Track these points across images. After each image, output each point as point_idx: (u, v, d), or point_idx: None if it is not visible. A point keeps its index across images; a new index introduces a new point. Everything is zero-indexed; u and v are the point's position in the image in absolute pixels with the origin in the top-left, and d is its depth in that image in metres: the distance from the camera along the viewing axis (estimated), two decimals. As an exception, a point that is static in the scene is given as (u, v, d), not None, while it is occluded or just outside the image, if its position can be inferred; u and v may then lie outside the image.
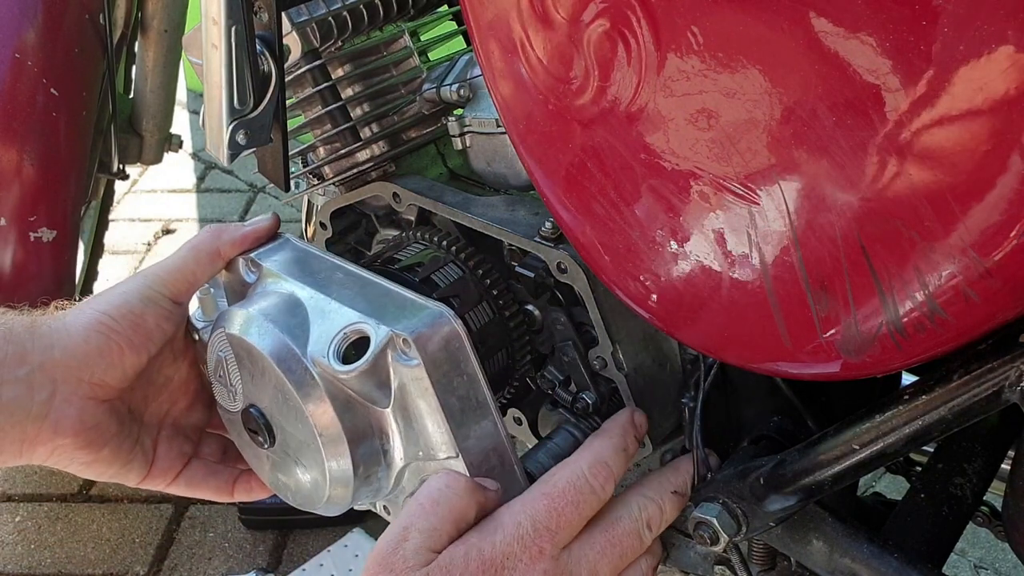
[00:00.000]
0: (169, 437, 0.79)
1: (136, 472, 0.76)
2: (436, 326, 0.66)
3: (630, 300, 0.63)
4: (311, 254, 0.76)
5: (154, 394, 0.78)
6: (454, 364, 0.66)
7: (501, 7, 0.60)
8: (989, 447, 0.81)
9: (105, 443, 0.73)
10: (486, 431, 0.68)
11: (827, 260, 0.52)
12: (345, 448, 0.68)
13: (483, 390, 0.67)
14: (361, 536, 1.61)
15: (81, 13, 1.37)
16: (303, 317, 0.70)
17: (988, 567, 1.57)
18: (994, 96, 0.44)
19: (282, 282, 0.73)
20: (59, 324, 0.71)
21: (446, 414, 0.65)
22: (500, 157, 0.81)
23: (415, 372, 0.65)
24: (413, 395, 0.66)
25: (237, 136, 0.74)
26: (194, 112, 3.00)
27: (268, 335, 0.69)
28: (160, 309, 0.74)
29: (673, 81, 0.53)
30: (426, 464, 0.69)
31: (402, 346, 0.65)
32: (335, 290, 0.71)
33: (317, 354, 0.67)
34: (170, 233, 2.54)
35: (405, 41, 0.87)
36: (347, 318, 0.68)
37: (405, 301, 0.69)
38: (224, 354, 0.72)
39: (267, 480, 0.77)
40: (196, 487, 0.80)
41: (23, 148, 1.33)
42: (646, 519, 0.68)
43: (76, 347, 0.70)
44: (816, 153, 0.50)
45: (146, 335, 0.73)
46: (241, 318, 0.71)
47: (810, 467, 0.66)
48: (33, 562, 1.67)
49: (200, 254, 0.76)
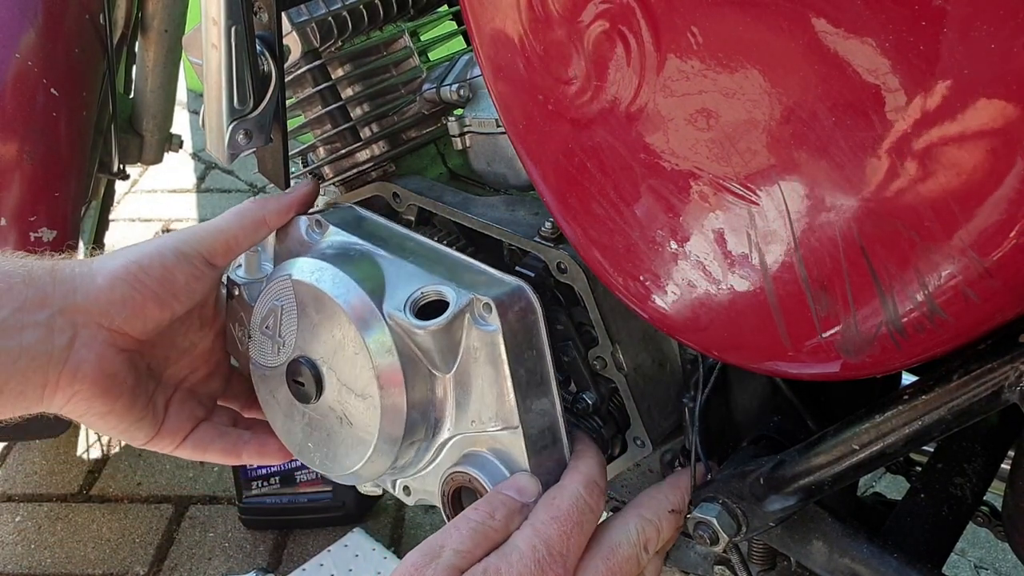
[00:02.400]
0: (182, 400, 0.79)
1: (146, 430, 0.76)
2: (516, 296, 0.67)
3: (630, 300, 0.63)
4: (379, 222, 0.77)
5: (176, 356, 0.78)
6: (527, 336, 0.68)
7: (501, 7, 0.60)
8: (989, 447, 0.81)
9: (121, 394, 0.73)
10: (545, 408, 0.69)
11: (827, 260, 0.52)
12: (403, 406, 0.68)
13: (549, 367, 0.69)
14: (361, 536, 1.61)
15: (81, 13, 1.37)
16: (379, 274, 0.70)
17: (988, 567, 1.57)
18: (993, 96, 0.44)
19: (353, 240, 0.74)
20: (85, 269, 0.71)
21: (514, 383, 0.67)
22: (500, 157, 0.81)
23: (491, 337, 0.66)
24: (482, 361, 0.67)
25: (237, 136, 0.74)
26: (194, 112, 3.00)
27: (343, 284, 0.69)
28: (192, 267, 0.74)
29: (673, 81, 0.53)
30: (476, 437, 0.70)
31: (482, 310, 0.66)
32: (410, 255, 0.72)
33: (392, 309, 0.68)
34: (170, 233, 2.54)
35: (405, 41, 0.87)
36: (426, 279, 0.69)
37: (484, 273, 0.70)
38: (281, 302, 0.72)
39: (292, 443, 0.77)
40: (204, 449, 0.80)
41: (23, 148, 1.33)
42: (644, 542, 0.69)
43: (100, 293, 0.70)
44: (816, 153, 0.50)
45: (173, 291, 0.73)
46: (314, 267, 0.71)
47: (810, 467, 0.66)
48: (33, 562, 1.67)
49: (244, 220, 0.76)
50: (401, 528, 1.70)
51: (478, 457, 0.70)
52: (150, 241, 0.74)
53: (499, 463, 0.69)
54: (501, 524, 0.65)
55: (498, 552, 0.64)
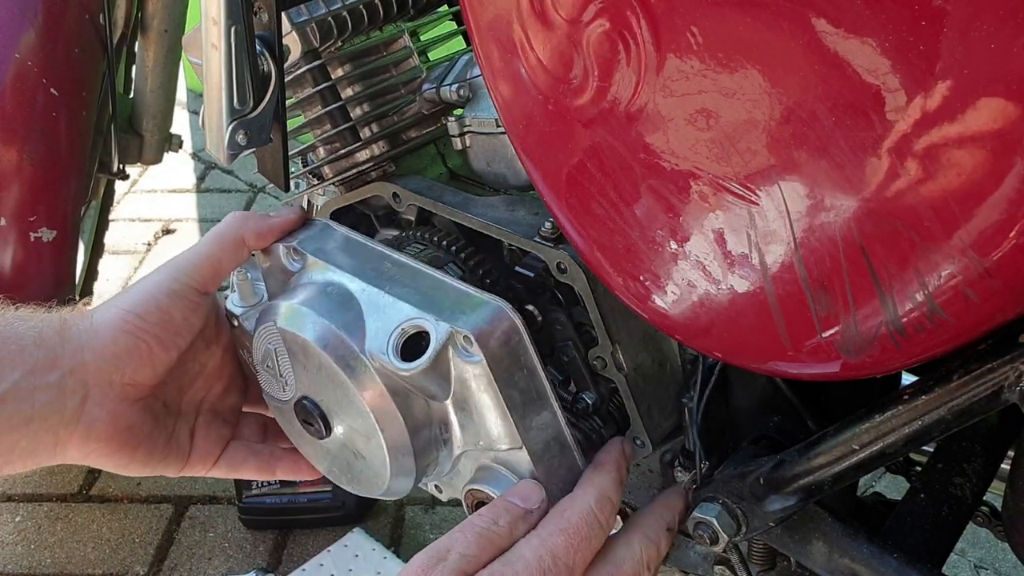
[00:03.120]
0: (207, 423, 0.79)
1: (175, 464, 0.77)
2: (496, 321, 0.66)
3: (630, 300, 0.63)
4: (354, 241, 0.75)
5: (188, 383, 0.78)
6: (515, 358, 0.66)
7: (501, 7, 0.60)
8: (989, 447, 0.81)
9: (139, 444, 0.73)
10: (546, 421, 0.68)
11: (826, 260, 0.52)
12: (407, 440, 0.68)
13: (542, 382, 0.68)
14: (361, 536, 1.61)
15: (81, 13, 1.37)
16: (357, 311, 0.69)
17: (988, 567, 1.57)
18: (993, 96, 0.44)
19: (330, 272, 0.72)
20: (87, 325, 0.71)
21: (509, 407, 0.66)
22: (500, 157, 0.81)
23: (477, 369, 0.65)
24: (474, 390, 0.66)
25: (237, 136, 0.73)
26: (194, 112, 3.00)
27: (323, 330, 0.68)
28: (187, 302, 0.74)
29: (673, 81, 0.53)
30: (484, 453, 0.70)
31: (463, 343, 0.65)
32: (386, 282, 0.70)
33: (375, 350, 0.67)
34: (170, 233, 2.54)
35: (405, 41, 0.87)
36: (404, 313, 0.67)
37: (460, 294, 0.68)
38: (274, 346, 0.72)
39: (319, 467, 0.77)
40: (237, 468, 0.80)
41: (23, 148, 1.33)
42: (647, 560, 0.69)
43: (105, 348, 0.70)
44: (815, 153, 0.50)
45: (174, 330, 0.73)
46: (292, 312, 0.70)
47: (810, 467, 0.66)
48: (33, 562, 1.67)
49: (224, 242, 0.76)
50: (401, 528, 1.70)
51: (492, 471, 0.71)
52: (140, 284, 0.74)
53: (512, 478, 0.70)
54: (505, 530, 0.65)
55: (503, 559, 0.64)
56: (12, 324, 0.69)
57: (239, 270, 0.78)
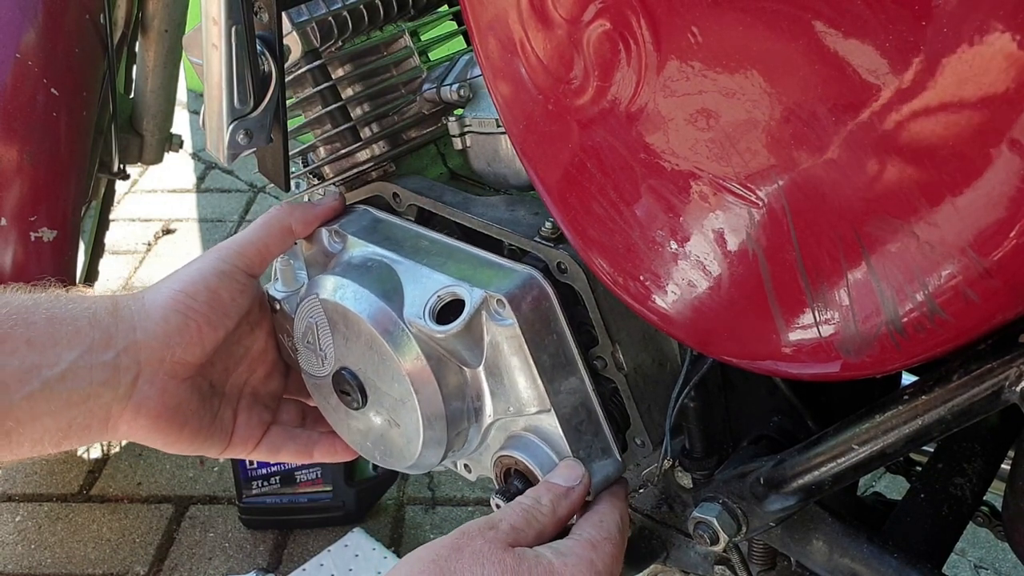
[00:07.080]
0: (248, 406, 0.81)
1: (217, 445, 0.79)
2: (527, 287, 0.69)
3: (630, 300, 0.63)
4: (393, 223, 0.79)
5: (233, 365, 0.80)
6: (545, 323, 0.70)
7: (501, 7, 0.60)
8: (989, 447, 0.81)
9: (186, 422, 0.75)
10: (575, 386, 0.72)
11: (826, 260, 0.52)
12: (440, 405, 0.71)
13: (571, 348, 0.71)
14: (361, 536, 1.61)
15: (81, 13, 1.37)
16: (396, 282, 0.73)
17: (988, 567, 1.57)
18: (993, 96, 0.44)
19: (369, 249, 0.76)
20: (138, 305, 0.74)
21: (539, 370, 0.69)
22: (500, 157, 0.81)
23: (510, 331, 0.68)
24: (506, 353, 0.70)
25: (237, 136, 0.74)
26: (194, 112, 3.00)
27: (364, 299, 0.72)
28: (235, 283, 0.76)
29: (673, 81, 0.53)
30: (515, 420, 0.73)
31: (496, 307, 0.69)
32: (424, 256, 0.74)
33: (413, 316, 0.71)
34: (170, 233, 2.54)
35: (405, 41, 0.87)
36: (440, 282, 0.71)
37: (494, 265, 0.72)
38: (315, 319, 0.75)
39: (353, 442, 0.80)
40: (277, 452, 0.83)
41: (23, 148, 1.33)
42: None
43: (156, 327, 0.73)
44: (815, 153, 0.50)
45: (223, 310, 0.75)
46: (335, 284, 0.74)
47: (810, 467, 0.66)
48: (33, 562, 1.67)
49: (272, 228, 0.79)
50: (401, 528, 1.70)
51: (521, 439, 0.73)
52: (189, 266, 0.77)
53: (541, 443, 0.72)
54: (548, 508, 0.68)
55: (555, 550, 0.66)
56: (66, 306, 0.71)
57: (282, 257, 0.81)
